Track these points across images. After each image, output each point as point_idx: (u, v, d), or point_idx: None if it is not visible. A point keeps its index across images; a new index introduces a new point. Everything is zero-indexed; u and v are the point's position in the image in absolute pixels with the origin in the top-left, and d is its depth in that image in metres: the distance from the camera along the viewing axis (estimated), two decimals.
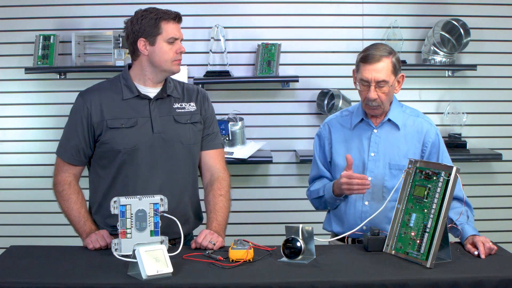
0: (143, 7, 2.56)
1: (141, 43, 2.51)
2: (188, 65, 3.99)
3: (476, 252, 2.33)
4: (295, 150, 4.11)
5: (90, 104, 2.54)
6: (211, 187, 2.64)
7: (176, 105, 2.61)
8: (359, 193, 2.53)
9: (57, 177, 2.60)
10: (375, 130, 2.64)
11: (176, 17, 2.54)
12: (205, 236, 2.42)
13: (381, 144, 2.63)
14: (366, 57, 2.53)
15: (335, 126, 2.73)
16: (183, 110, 2.62)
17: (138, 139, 2.53)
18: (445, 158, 2.62)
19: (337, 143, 2.70)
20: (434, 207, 2.27)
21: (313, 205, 2.79)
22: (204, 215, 2.71)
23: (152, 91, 2.58)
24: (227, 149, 3.92)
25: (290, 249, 2.27)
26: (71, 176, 2.59)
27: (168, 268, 2.09)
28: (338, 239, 2.60)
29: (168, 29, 2.50)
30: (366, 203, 2.62)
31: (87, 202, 2.64)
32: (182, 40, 2.57)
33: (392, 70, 2.53)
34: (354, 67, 2.62)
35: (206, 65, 4.01)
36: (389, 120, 2.63)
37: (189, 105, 2.64)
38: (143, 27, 2.49)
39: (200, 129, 2.65)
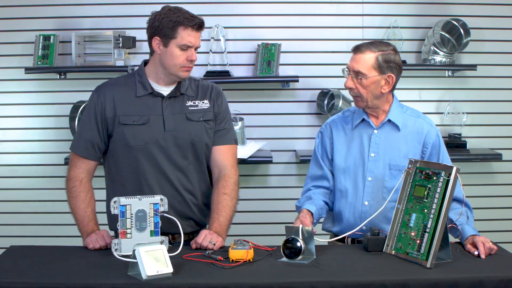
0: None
1: (156, 42, 2.51)
2: None
3: (476, 252, 2.33)
4: (295, 150, 4.10)
5: (104, 98, 2.55)
6: (217, 185, 2.63)
7: (189, 103, 2.60)
8: None
9: (70, 172, 2.58)
10: (375, 131, 2.64)
11: (197, 25, 2.49)
12: (205, 236, 2.42)
13: (381, 145, 2.63)
14: (354, 48, 2.61)
15: (336, 126, 2.73)
16: (196, 108, 2.61)
17: (149, 136, 2.54)
18: (446, 159, 2.61)
19: (338, 143, 2.69)
20: (434, 207, 2.27)
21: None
22: None
23: (165, 90, 2.58)
24: None
25: (290, 249, 2.27)
26: (84, 172, 2.57)
27: (168, 268, 2.09)
28: (338, 239, 2.60)
29: (184, 35, 2.47)
30: (366, 203, 2.62)
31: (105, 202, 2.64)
32: (197, 48, 2.53)
33: (374, 66, 2.54)
34: None
35: (206, 65, 4.01)
36: (389, 120, 2.63)
37: (203, 102, 2.63)
38: (161, 26, 2.47)
39: (213, 127, 2.64)
